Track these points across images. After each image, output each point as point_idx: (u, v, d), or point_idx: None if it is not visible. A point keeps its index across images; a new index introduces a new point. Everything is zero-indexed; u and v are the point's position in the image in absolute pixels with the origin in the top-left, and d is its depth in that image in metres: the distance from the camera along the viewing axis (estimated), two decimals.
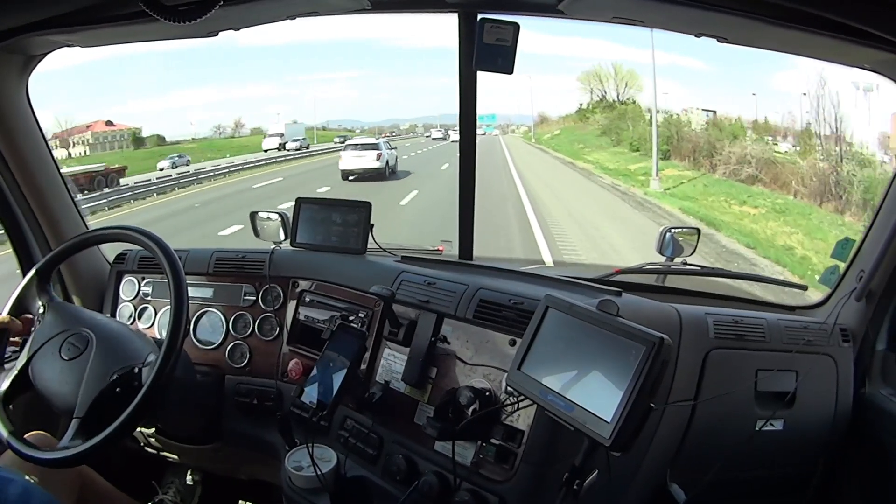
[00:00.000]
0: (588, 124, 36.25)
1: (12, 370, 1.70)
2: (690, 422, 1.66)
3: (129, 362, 1.65)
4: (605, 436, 1.13)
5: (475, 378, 1.62)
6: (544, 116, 46.88)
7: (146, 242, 1.74)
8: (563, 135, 39.10)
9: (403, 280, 1.89)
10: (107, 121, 29.22)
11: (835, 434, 1.81)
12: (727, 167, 21.58)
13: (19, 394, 1.69)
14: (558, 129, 41.70)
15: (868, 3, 1.35)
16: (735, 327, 1.73)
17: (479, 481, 1.53)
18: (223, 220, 13.70)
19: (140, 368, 1.65)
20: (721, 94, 43.70)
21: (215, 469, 2.39)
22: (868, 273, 1.78)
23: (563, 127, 41.03)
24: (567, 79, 56.77)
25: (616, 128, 32.37)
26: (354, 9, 1.94)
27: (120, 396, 1.59)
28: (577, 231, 13.36)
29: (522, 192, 18.89)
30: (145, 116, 63.80)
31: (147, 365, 1.65)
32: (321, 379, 1.61)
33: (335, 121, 56.74)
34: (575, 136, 36.06)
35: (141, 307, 2.29)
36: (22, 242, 2.16)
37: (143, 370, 1.65)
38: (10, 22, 1.71)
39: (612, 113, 34.18)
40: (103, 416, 1.56)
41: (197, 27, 1.47)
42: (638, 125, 30.43)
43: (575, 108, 39.80)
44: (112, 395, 1.60)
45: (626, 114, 32.56)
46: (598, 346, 1.22)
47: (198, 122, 47.33)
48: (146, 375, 1.62)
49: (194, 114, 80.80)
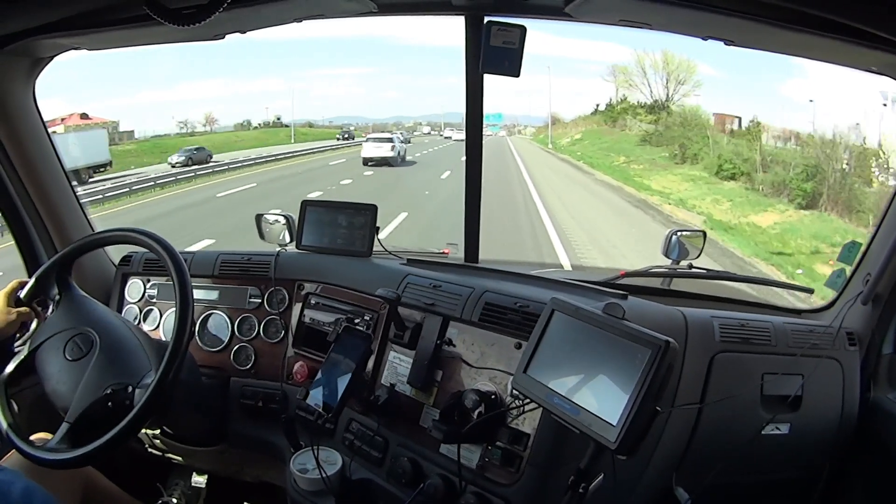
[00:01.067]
0: (617, 127, 30.40)
1: (19, 355, 1.71)
2: (696, 425, 1.66)
3: (124, 379, 1.64)
4: (611, 439, 1.13)
5: (481, 381, 1.62)
6: (556, 117, 42.10)
7: (152, 245, 1.74)
8: (587, 140, 32.73)
9: (409, 283, 1.89)
10: (82, 113, 28.34)
11: (841, 438, 1.80)
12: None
13: (23, 381, 1.70)
14: (578, 132, 35.37)
15: (875, 6, 1.34)
16: (741, 331, 1.73)
17: (484, 484, 1.53)
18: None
19: (134, 389, 1.63)
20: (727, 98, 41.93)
21: (220, 471, 2.39)
22: (874, 277, 1.77)
23: (585, 130, 34.30)
24: (574, 81, 55.75)
25: (670, 137, 25.43)
26: (361, 11, 1.94)
27: (110, 411, 1.59)
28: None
29: (563, 255, 11.35)
30: (146, 111, 63.01)
31: (141, 387, 1.63)
32: (326, 381, 1.61)
33: (341, 117, 56.37)
34: (604, 143, 29.68)
35: (146, 309, 2.29)
36: (28, 244, 2.17)
37: (136, 391, 1.63)
38: (17, 25, 1.72)
39: (661, 116, 27.67)
40: (91, 426, 1.56)
41: (202, 30, 1.47)
42: (710, 139, 22.92)
43: (591, 109, 35.06)
44: (103, 408, 1.60)
45: (687, 120, 25.51)
46: (603, 350, 1.21)
47: (180, 117, 46.31)
48: (138, 398, 1.59)
49: (183, 109, 79.01)
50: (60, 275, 1.80)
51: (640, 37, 35.54)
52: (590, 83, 60.48)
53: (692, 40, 1.85)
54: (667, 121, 27.14)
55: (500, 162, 25.60)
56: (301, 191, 17.09)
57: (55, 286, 1.80)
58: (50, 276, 1.80)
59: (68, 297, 1.79)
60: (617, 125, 31.06)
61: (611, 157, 27.28)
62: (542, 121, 43.73)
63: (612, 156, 27.22)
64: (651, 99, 29.52)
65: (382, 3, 1.87)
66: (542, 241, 12.29)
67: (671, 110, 27.89)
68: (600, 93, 35.05)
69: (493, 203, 2.19)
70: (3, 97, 1.95)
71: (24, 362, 1.69)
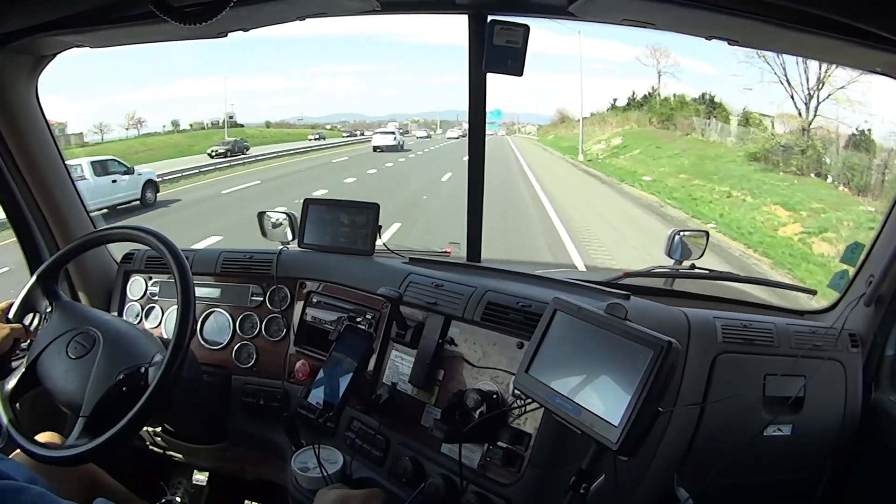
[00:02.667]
0: (672, 128, 22.35)
1: (19, 368, 1.71)
2: (698, 426, 1.65)
3: (135, 362, 1.66)
4: (613, 439, 1.12)
5: (482, 380, 1.62)
6: (564, 114, 39.38)
7: (153, 242, 1.75)
8: (633, 145, 23.51)
9: (411, 282, 1.89)
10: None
11: (843, 439, 1.79)
12: None
13: (26, 391, 1.70)
14: (614, 134, 26.29)
15: (880, 6, 1.34)
16: (743, 331, 1.72)
17: (485, 484, 1.53)
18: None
19: (147, 368, 1.66)
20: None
21: (221, 469, 2.39)
22: (878, 278, 1.77)
23: (625, 131, 25.86)
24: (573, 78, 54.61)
25: (815, 159, 16.63)
26: (364, 10, 1.94)
27: (126, 396, 1.60)
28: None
29: None
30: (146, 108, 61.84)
31: (154, 365, 1.66)
32: (328, 380, 1.61)
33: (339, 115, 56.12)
34: (668, 155, 20.73)
35: (148, 307, 2.30)
36: (30, 241, 2.17)
37: (149, 370, 1.65)
38: (20, 22, 1.72)
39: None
40: (109, 415, 1.57)
41: (206, 28, 1.47)
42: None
43: (608, 105, 29.12)
44: (118, 395, 1.61)
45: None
46: (606, 350, 1.21)
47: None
48: (152, 375, 1.63)
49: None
50: (48, 285, 1.81)
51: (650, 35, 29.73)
52: (593, 80, 59.17)
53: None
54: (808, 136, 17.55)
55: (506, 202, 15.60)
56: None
57: (44, 299, 1.81)
58: (42, 283, 1.81)
59: (59, 305, 1.80)
60: (672, 125, 23.44)
61: (708, 185, 17.60)
62: (548, 119, 41.40)
63: (705, 183, 17.72)
64: (798, 103, 19.56)
65: (385, 2, 1.87)
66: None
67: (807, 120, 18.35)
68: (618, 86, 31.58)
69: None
70: (6, 94, 1.95)
71: (26, 374, 1.70)
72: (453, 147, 34.51)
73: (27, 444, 1.59)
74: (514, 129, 44.99)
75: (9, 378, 1.71)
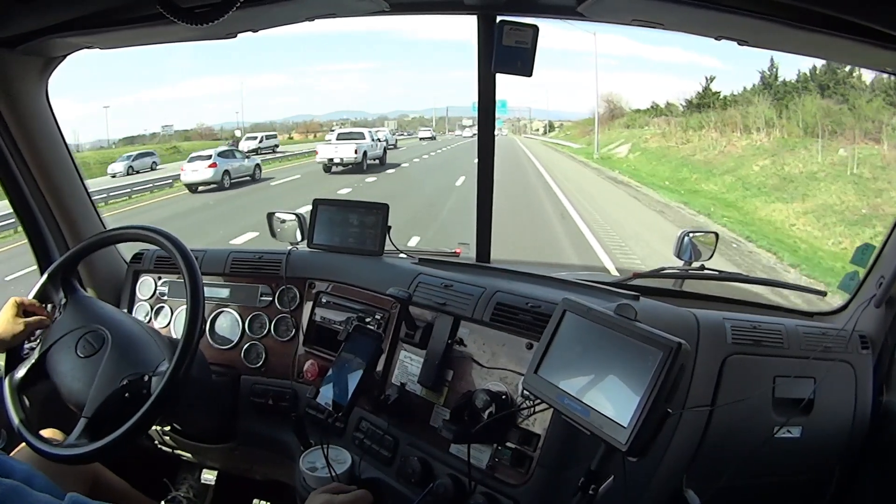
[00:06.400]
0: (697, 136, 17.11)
1: (30, 358, 1.73)
2: (707, 427, 1.65)
3: (139, 369, 1.66)
4: (622, 441, 1.12)
5: (491, 381, 1.62)
6: (614, 103, 31.83)
7: (163, 242, 1.76)
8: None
9: (420, 282, 1.89)
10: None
11: (853, 442, 1.78)
12: None
13: (35, 383, 1.72)
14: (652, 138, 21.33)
15: (891, 6, 1.33)
16: (753, 333, 1.71)
17: (494, 485, 1.52)
18: None
19: (150, 377, 1.66)
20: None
21: (229, 468, 2.40)
22: (888, 279, 1.76)
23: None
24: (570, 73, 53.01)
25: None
26: (373, 10, 1.94)
27: (128, 402, 1.61)
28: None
29: None
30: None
31: (157, 375, 1.66)
32: (337, 380, 1.62)
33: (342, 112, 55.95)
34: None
35: (157, 306, 2.31)
36: (40, 241, 2.18)
37: (152, 379, 1.65)
38: (30, 24, 1.73)
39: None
40: (110, 418, 1.58)
41: (215, 29, 1.48)
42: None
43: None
44: (120, 400, 1.62)
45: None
46: (615, 351, 1.21)
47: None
48: (155, 385, 1.63)
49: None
50: (65, 277, 1.83)
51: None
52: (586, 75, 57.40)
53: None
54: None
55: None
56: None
57: (61, 290, 1.82)
58: (56, 279, 1.82)
59: (74, 298, 1.81)
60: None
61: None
62: (571, 115, 37.67)
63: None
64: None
65: (394, 2, 1.88)
66: None
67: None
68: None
69: None
70: (17, 96, 1.96)
71: (36, 365, 1.71)
72: (463, 152, 28.96)
73: (29, 437, 1.61)
74: (519, 126, 41.54)
75: (19, 367, 1.72)
